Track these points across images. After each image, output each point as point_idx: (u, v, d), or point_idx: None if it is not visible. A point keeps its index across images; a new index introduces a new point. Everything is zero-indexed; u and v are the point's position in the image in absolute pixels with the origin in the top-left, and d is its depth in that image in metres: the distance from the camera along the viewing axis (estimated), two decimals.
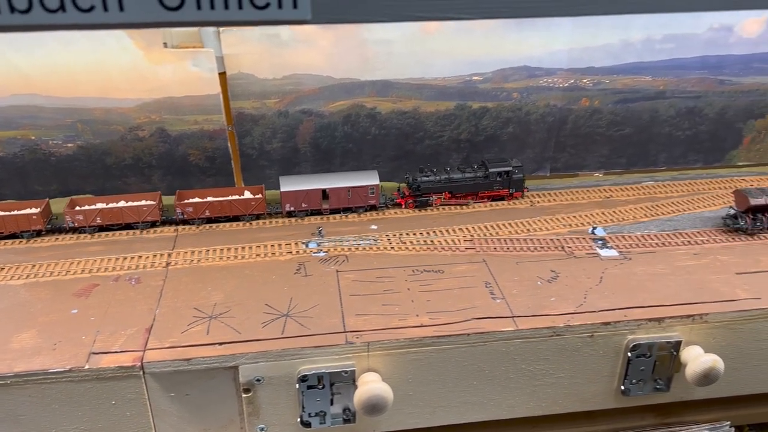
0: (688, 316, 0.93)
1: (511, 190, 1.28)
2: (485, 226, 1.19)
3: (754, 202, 1.10)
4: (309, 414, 0.90)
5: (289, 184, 1.20)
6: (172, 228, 1.19)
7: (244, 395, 0.89)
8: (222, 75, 1.18)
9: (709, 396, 1.02)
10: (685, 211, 1.23)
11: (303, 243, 1.12)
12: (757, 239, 1.13)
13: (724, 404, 1.06)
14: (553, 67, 1.27)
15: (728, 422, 1.03)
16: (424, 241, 1.14)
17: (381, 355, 0.89)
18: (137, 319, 0.93)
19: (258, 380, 0.88)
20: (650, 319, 0.93)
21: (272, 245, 1.12)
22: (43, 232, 1.17)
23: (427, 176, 1.25)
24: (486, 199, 1.28)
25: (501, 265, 1.06)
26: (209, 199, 1.20)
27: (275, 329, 0.90)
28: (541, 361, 0.94)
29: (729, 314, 0.94)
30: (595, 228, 1.17)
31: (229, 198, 1.20)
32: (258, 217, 1.22)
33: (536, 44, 1.25)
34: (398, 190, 1.29)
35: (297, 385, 0.88)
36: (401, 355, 0.89)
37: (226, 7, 0.52)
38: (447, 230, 1.17)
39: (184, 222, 1.20)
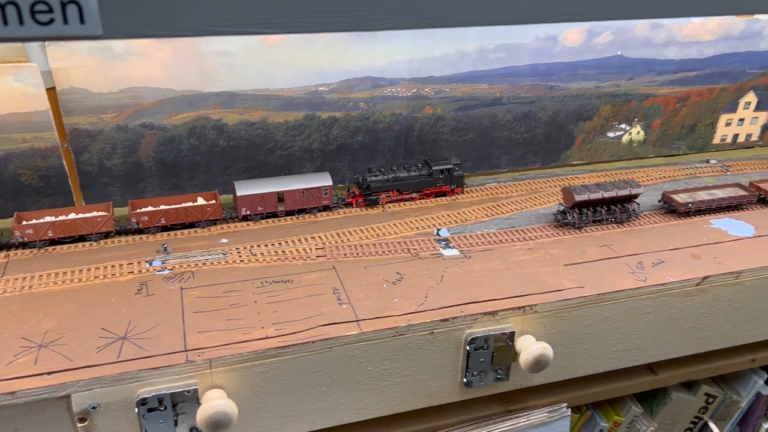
0: (520, 308, 1.00)
1: (452, 186, 1.35)
2: (337, 233, 1.21)
3: (578, 198, 1.20)
4: None
5: (244, 189, 1.21)
6: (3, 253, 1.11)
7: (79, 425, 0.84)
8: (51, 90, 1.12)
9: (547, 381, 1.09)
10: (522, 209, 1.32)
11: (147, 261, 1.09)
12: (584, 232, 1.22)
13: (562, 387, 1.14)
14: (395, 77, 1.32)
15: (565, 404, 1.11)
16: (275, 251, 1.14)
17: (225, 371, 0.88)
18: None
19: (94, 408, 0.84)
20: (485, 313, 0.98)
21: (113, 266, 1.07)
22: None
23: (376, 176, 1.29)
24: (430, 196, 1.35)
25: (350, 271, 1.08)
26: (162, 207, 1.18)
27: (111, 353, 0.87)
28: (387, 361, 0.96)
29: (556, 303, 1.02)
30: (439, 229, 1.22)
31: (185, 205, 1.19)
32: (214, 222, 1.22)
33: (378, 55, 1.29)
34: (348, 190, 1.32)
35: (136, 409, 0.85)
36: (246, 368, 0.89)
37: (5, 23, 0.50)
38: (299, 239, 1.18)
39: (140, 231, 1.18)
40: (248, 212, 1.23)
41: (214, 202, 1.20)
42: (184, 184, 1.28)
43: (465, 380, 1.01)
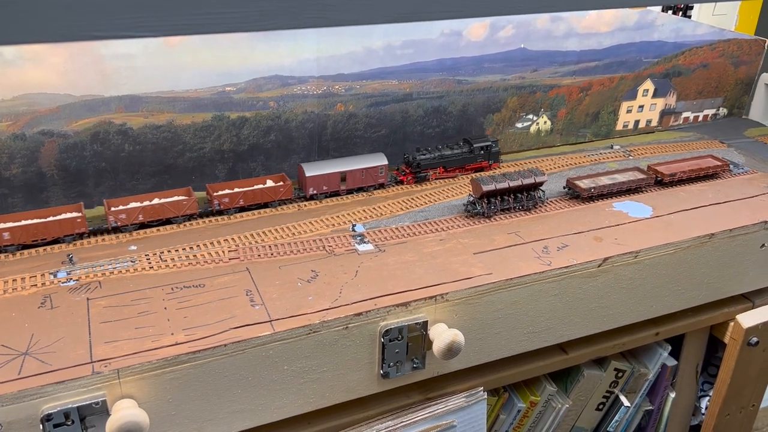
0: (432, 297, 1.03)
1: (490, 161, 1.48)
2: (251, 234, 1.20)
3: (485, 188, 1.24)
4: None
5: (312, 170, 1.32)
6: None
7: None
8: None
9: (463, 366, 1.12)
10: (436, 201, 1.35)
11: (51, 273, 1.05)
12: (493, 221, 1.26)
13: (478, 372, 1.17)
14: (304, 76, 1.32)
15: (481, 388, 1.15)
16: (186, 256, 1.12)
17: (134, 380, 0.86)
18: None
19: None
20: (398, 305, 1.00)
21: (14, 280, 1.03)
22: (86, 235, 1.16)
23: (424, 155, 1.41)
24: (470, 171, 1.47)
25: (264, 272, 1.08)
26: (238, 189, 1.27)
27: (11, 371, 0.84)
28: (303, 359, 0.97)
29: (466, 291, 1.05)
30: (355, 225, 1.24)
31: (260, 187, 1.29)
32: (284, 202, 1.32)
33: (285, 54, 1.29)
34: (398, 168, 1.43)
35: (41, 426, 0.82)
36: (156, 376, 0.87)
37: None
38: (212, 242, 1.17)
39: (220, 213, 1.27)
40: (315, 192, 1.33)
41: (283, 183, 1.30)
42: (90, 191, 1.24)
43: (382, 372, 1.03)
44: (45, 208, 1.18)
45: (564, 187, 1.38)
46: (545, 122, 1.65)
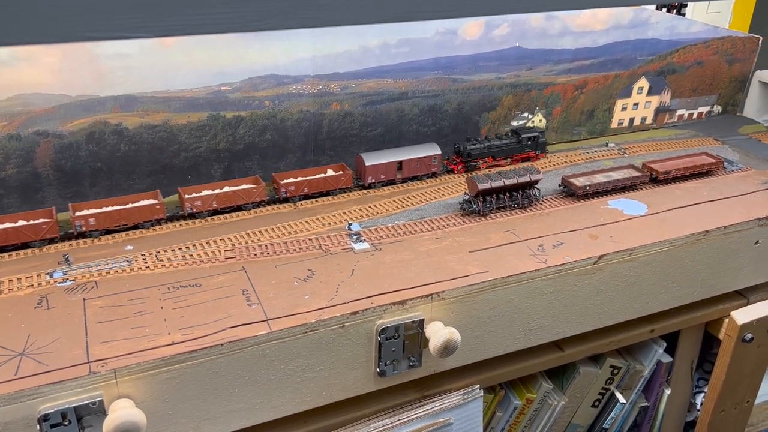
0: (428, 296, 1.03)
1: (537, 152, 1.54)
2: (247, 234, 1.20)
3: (481, 186, 1.24)
4: None
5: (372, 159, 1.37)
6: None
7: None
8: None
9: (459, 364, 1.13)
10: (431, 200, 1.35)
11: (47, 274, 1.05)
12: (489, 219, 1.27)
13: (474, 369, 1.18)
14: (300, 75, 1.32)
15: (478, 385, 1.15)
16: (183, 255, 1.12)
17: (131, 380, 0.86)
18: None
19: None
20: (394, 303, 1.01)
21: (10, 280, 1.03)
22: (163, 220, 1.22)
23: (474, 144, 1.46)
24: (518, 161, 1.52)
25: (260, 271, 1.08)
26: (301, 178, 1.32)
27: (8, 371, 0.84)
28: (300, 357, 0.97)
29: (462, 289, 1.05)
30: (351, 224, 1.24)
31: (322, 176, 1.34)
32: (345, 190, 1.37)
33: (280, 53, 1.29)
34: (448, 158, 1.48)
35: (38, 426, 0.82)
36: (153, 376, 0.87)
37: None
38: (208, 242, 1.17)
39: (285, 201, 1.32)
40: (373, 180, 1.37)
41: (343, 172, 1.35)
42: (86, 191, 1.24)
43: (378, 370, 1.03)
44: (124, 195, 1.24)
45: (559, 185, 1.38)
46: (540, 120, 1.65)
